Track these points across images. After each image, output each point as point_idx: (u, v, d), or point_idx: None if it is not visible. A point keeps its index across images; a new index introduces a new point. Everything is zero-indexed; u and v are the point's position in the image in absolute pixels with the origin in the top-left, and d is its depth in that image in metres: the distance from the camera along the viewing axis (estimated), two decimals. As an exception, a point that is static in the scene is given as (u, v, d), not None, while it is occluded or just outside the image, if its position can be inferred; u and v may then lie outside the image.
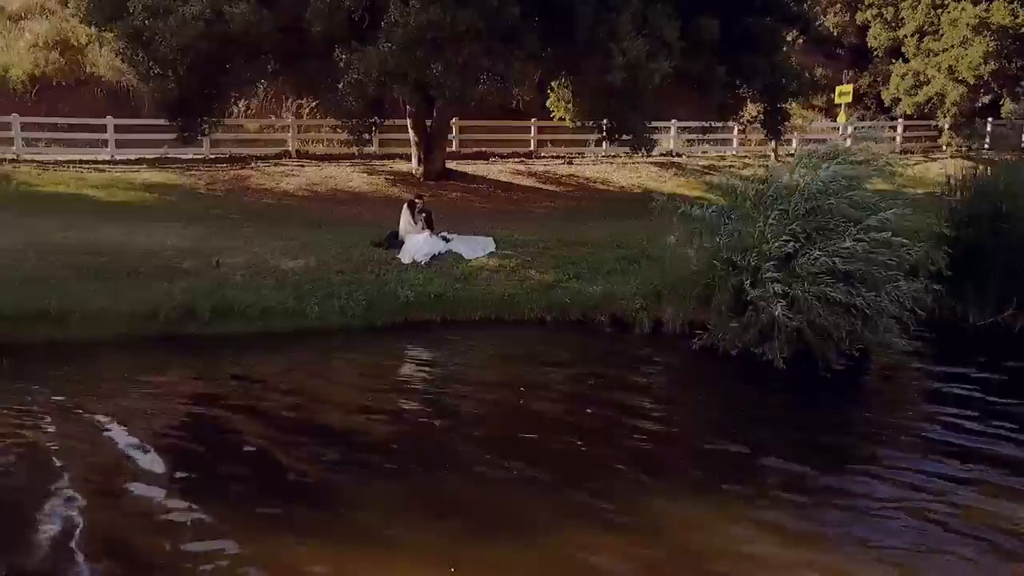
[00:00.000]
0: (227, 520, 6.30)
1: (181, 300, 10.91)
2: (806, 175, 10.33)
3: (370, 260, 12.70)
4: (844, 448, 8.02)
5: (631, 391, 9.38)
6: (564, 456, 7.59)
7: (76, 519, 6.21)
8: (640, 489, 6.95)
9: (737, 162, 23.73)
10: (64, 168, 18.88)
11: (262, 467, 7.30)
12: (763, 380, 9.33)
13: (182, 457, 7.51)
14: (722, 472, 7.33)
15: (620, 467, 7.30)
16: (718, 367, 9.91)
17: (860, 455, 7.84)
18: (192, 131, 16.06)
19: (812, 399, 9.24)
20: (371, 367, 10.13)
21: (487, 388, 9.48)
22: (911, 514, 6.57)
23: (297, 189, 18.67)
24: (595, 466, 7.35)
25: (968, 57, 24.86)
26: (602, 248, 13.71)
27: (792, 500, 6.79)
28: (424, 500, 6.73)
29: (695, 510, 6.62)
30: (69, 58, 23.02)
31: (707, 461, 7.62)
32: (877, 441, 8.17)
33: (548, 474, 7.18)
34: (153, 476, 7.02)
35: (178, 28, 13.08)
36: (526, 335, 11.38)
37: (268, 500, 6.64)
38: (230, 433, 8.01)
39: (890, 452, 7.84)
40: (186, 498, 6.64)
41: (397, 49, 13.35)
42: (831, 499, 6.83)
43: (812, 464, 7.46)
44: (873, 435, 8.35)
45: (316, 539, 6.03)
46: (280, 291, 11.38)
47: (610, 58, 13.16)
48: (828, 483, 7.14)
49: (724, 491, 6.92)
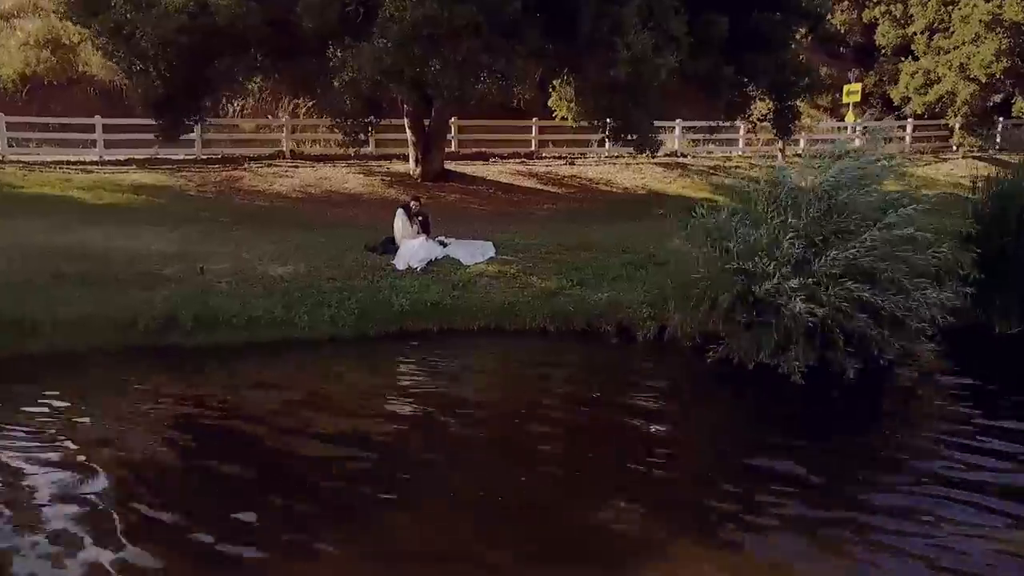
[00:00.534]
0: (214, 545, 5.79)
1: (162, 309, 10.32)
2: (818, 175, 9.77)
3: (363, 266, 12.11)
4: (868, 473, 7.40)
5: (639, 408, 8.75)
6: (565, 482, 7.01)
7: (54, 551, 5.65)
8: (649, 520, 6.37)
9: (743, 163, 23.20)
10: (50, 169, 18.34)
11: (248, 490, 6.75)
12: (781, 395, 8.70)
13: (163, 479, 6.93)
14: (738, 501, 6.72)
15: (626, 499, 6.69)
16: (732, 380, 9.27)
17: (883, 481, 7.23)
18: (177, 130, 15.43)
19: (833, 416, 8.61)
20: (362, 381, 9.51)
21: (485, 407, 8.85)
22: (943, 552, 5.96)
23: (291, 191, 18.12)
24: (597, 495, 6.75)
25: (980, 55, 24.32)
26: (607, 253, 13.12)
27: (816, 538, 6.20)
28: (417, 524, 6.24)
29: (708, 544, 6.04)
30: (61, 57, 22.61)
31: (721, 490, 7.00)
32: (901, 467, 7.56)
33: (548, 497, 6.63)
34: (131, 500, 6.47)
35: (158, 21, 12.45)
36: (527, 346, 10.76)
37: (256, 526, 6.14)
38: (213, 453, 7.42)
39: (917, 478, 7.24)
40: (170, 524, 6.14)
41: (393, 46, 12.75)
42: (855, 536, 6.22)
43: (836, 493, 6.86)
44: (898, 459, 7.74)
45: (309, 564, 5.57)
46: (267, 299, 10.78)
47: (614, 52, 12.53)
48: (850, 516, 6.54)
49: (740, 521, 6.33)
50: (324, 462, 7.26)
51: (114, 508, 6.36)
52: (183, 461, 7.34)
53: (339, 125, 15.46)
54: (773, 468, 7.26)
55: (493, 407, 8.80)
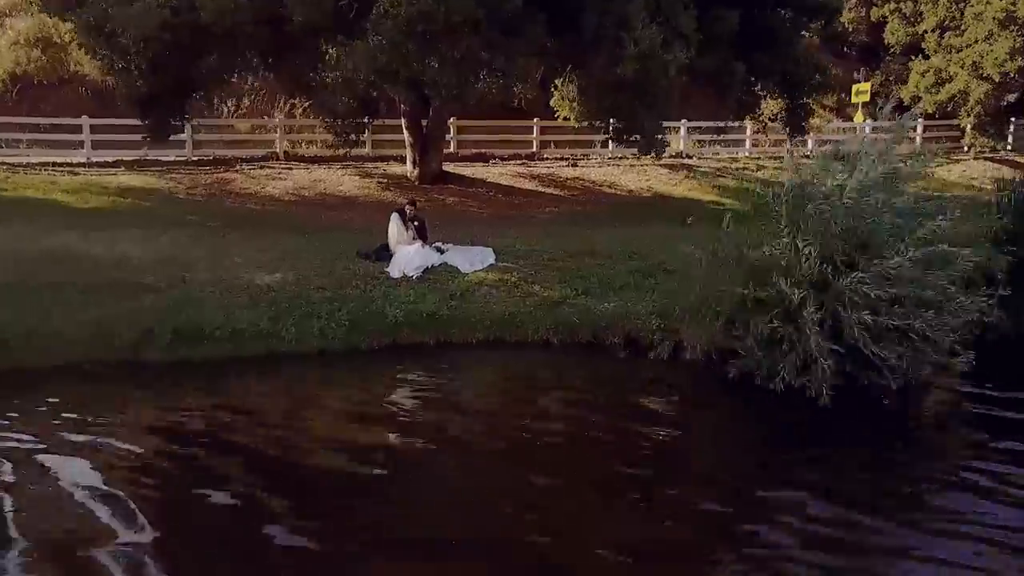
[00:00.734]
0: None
1: (139, 320, 9.67)
2: (838, 181, 9.12)
3: (355, 274, 11.44)
4: (904, 502, 6.78)
5: (648, 432, 8.07)
6: (565, 514, 6.40)
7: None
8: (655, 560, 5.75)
9: (750, 164, 22.57)
10: (36, 171, 17.72)
11: (233, 520, 6.21)
12: (805, 416, 8.04)
13: (140, 509, 6.28)
14: (761, 545, 6.09)
15: (632, 536, 6.07)
16: (750, 400, 8.58)
17: (923, 509, 6.61)
18: (164, 130, 14.78)
19: (861, 438, 7.94)
20: (350, 402, 8.86)
21: (483, 432, 8.15)
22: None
23: (283, 193, 17.48)
24: (602, 533, 6.12)
25: (993, 53, 23.69)
26: (612, 259, 12.46)
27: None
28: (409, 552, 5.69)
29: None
30: (52, 56, 22.14)
31: (739, 532, 6.36)
32: (940, 491, 6.94)
33: (548, 531, 6.03)
34: (107, 533, 5.86)
35: (139, 17, 11.79)
36: (529, 359, 10.10)
37: (241, 560, 5.62)
38: (192, 480, 6.81)
39: (955, 502, 6.63)
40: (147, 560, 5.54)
41: (387, 43, 12.11)
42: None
43: (868, 535, 6.23)
44: (936, 482, 7.12)
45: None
46: (253, 310, 10.11)
47: (621, 48, 11.87)
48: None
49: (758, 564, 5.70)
50: (308, 493, 6.63)
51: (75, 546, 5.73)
52: (156, 491, 6.69)
53: (330, 126, 14.79)
54: (796, 503, 6.62)
55: (491, 432, 8.09)
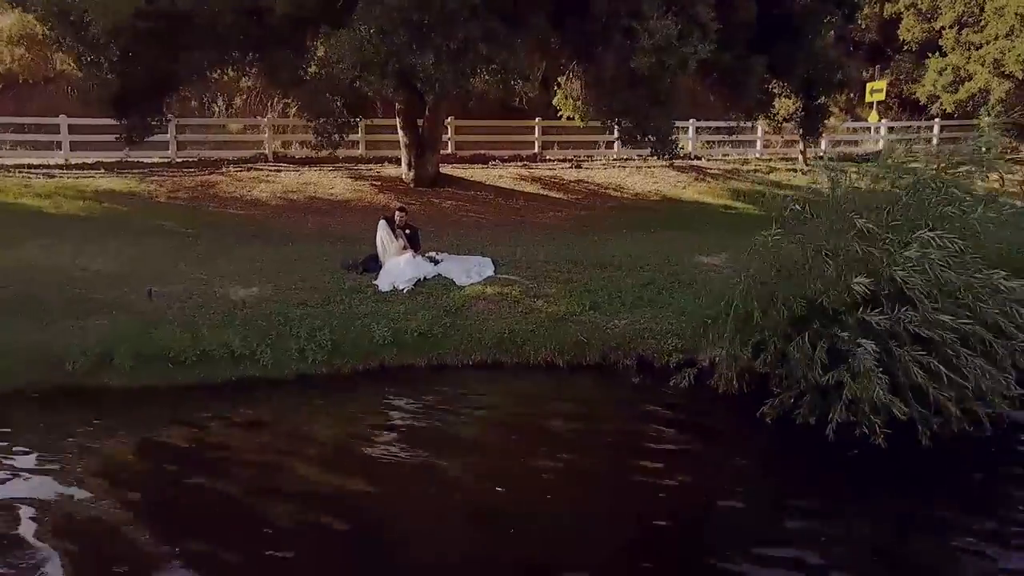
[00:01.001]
0: None
1: (97, 342, 8.66)
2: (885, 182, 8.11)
3: (340, 287, 10.43)
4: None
5: (663, 474, 6.99)
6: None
7: None
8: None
9: (762, 165, 21.54)
10: (10, 173, 16.71)
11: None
12: (849, 458, 6.99)
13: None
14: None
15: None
16: (785, 437, 7.51)
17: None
18: (142, 130, 13.76)
19: (905, 493, 6.83)
20: (332, 434, 7.81)
21: (476, 472, 7.11)
22: None
23: (270, 197, 16.49)
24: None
25: (1016, 49, 22.77)
26: (622, 270, 11.42)
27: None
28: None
29: None
30: (36, 54, 21.34)
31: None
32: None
33: None
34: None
35: (109, 4, 10.77)
36: (531, 383, 9.06)
37: None
38: (146, 529, 5.82)
39: None
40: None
41: (376, 33, 11.11)
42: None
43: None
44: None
45: None
46: (224, 329, 9.07)
47: (633, 40, 10.83)
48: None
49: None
50: (282, 541, 5.62)
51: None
52: (104, 542, 5.69)
53: (314, 125, 13.75)
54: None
55: (486, 473, 7.03)
